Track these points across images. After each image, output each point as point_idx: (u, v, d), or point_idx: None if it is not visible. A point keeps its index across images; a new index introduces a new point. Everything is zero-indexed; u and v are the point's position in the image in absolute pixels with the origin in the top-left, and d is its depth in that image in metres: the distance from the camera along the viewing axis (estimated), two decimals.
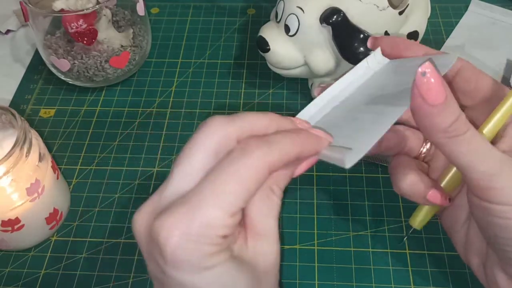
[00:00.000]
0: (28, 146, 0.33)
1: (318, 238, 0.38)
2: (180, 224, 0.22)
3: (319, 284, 0.36)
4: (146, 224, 0.24)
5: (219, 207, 0.22)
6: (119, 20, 0.49)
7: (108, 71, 0.46)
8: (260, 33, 0.42)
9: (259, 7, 0.57)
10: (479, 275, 0.30)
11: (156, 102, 0.48)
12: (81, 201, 0.41)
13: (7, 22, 0.55)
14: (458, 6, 0.55)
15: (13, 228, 0.35)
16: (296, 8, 0.39)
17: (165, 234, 0.22)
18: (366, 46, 0.38)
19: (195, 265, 0.22)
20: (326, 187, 0.41)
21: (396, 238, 0.38)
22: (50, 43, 0.46)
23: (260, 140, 0.24)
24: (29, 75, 0.51)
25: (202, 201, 0.23)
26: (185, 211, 0.23)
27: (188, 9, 0.57)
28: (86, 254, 0.38)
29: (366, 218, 0.39)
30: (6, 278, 0.37)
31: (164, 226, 0.22)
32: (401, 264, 0.36)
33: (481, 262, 0.30)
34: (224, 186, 0.23)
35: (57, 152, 0.44)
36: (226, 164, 0.23)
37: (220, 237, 0.23)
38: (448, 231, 0.32)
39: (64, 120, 0.47)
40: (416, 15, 0.42)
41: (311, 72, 0.42)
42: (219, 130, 0.24)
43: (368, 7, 0.38)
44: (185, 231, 0.22)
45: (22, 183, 0.34)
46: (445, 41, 0.52)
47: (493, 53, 0.50)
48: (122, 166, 0.43)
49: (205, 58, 0.52)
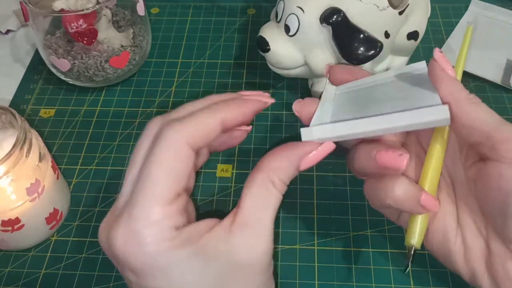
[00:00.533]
0: (28, 146, 0.33)
1: (318, 238, 0.38)
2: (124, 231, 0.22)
3: (319, 284, 0.36)
4: (104, 236, 0.24)
5: (151, 201, 0.22)
6: (119, 20, 0.49)
7: (108, 71, 0.46)
8: (260, 33, 0.42)
9: (259, 7, 0.57)
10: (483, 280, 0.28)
11: (156, 102, 0.48)
12: (81, 201, 0.41)
13: (7, 22, 0.55)
14: (458, 6, 0.55)
15: (13, 228, 0.35)
16: (296, 8, 0.39)
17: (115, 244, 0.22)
18: (366, 46, 0.38)
19: (152, 266, 0.22)
20: (326, 187, 0.41)
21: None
22: (50, 43, 0.46)
23: (175, 121, 0.24)
24: (29, 75, 0.51)
25: (134, 202, 0.23)
26: (126, 216, 0.23)
27: (188, 9, 0.57)
28: (86, 254, 0.38)
29: (366, 218, 0.39)
30: (6, 278, 0.37)
31: (112, 236, 0.23)
32: (401, 264, 0.36)
33: (486, 264, 0.28)
34: (150, 178, 0.23)
35: (57, 152, 0.44)
36: (148, 156, 0.23)
37: (169, 229, 0.22)
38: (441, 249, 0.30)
39: (64, 120, 0.47)
40: (416, 15, 0.42)
41: (311, 72, 0.42)
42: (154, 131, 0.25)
43: (368, 7, 0.38)
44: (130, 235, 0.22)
45: (22, 183, 0.33)
46: (445, 41, 0.52)
47: (493, 53, 0.50)
48: (122, 166, 0.43)
49: (205, 58, 0.52)
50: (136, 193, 0.23)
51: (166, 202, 0.23)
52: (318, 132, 0.26)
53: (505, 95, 0.47)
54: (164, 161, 0.23)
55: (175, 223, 0.23)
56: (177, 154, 0.23)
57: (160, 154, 0.23)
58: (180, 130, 0.24)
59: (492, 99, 0.46)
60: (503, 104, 0.46)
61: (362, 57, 0.39)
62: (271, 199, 0.25)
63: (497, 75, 0.48)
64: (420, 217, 0.29)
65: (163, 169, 0.23)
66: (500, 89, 0.47)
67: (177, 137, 0.23)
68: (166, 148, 0.23)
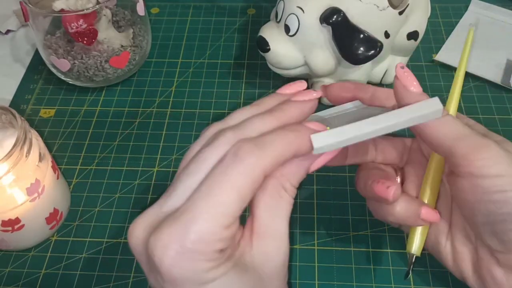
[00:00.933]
0: (28, 146, 0.33)
1: (318, 238, 0.38)
2: (173, 242, 0.22)
3: (319, 284, 0.36)
4: (143, 238, 0.23)
5: (213, 220, 0.22)
6: (119, 20, 0.49)
7: (108, 71, 0.46)
8: (260, 33, 0.42)
9: (259, 7, 0.57)
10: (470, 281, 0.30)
11: (156, 102, 0.48)
12: (81, 201, 0.41)
13: (7, 22, 0.55)
14: (458, 6, 0.55)
15: (13, 228, 0.35)
16: (296, 8, 0.39)
17: (160, 253, 0.22)
18: (366, 46, 0.38)
19: (193, 281, 0.22)
20: (326, 187, 0.41)
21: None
22: (50, 43, 0.46)
23: (253, 144, 0.23)
24: (29, 75, 0.51)
25: (195, 215, 0.22)
26: (178, 227, 0.22)
27: (188, 9, 0.57)
28: (86, 254, 0.38)
29: (366, 218, 0.39)
30: (6, 278, 0.37)
31: (158, 244, 0.22)
32: (401, 264, 0.36)
33: (474, 267, 0.29)
34: (217, 197, 0.22)
35: (57, 152, 0.44)
36: (218, 172, 0.23)
37: (217, 251, 0.22)
38: (433, 249, 0.31)
39: (64, 120, 0.47)
40: (416, 15, 0.42)
41: (311, 72, 0.42)
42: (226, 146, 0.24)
43: (368, 7, 0.38)
44: (179, 249, 0.21)
45: (22, 183, 0.33)
46: (445, 41, 0.52)
47: (493, 53, 0.50)
48: (122, 166, 0.43)
49: (205, 58, 0.52)
50: (197, 207, 0.22)
51: (227, 226, 0.22)
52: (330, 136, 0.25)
53: (505, 95, 0.47)
54: (238, 186, 0.22)
55: (224, 246, 0.23)
56: (252, 183, 0.23)
57: (234, 178, 0.22)
58: (260, 158, 0.23)
59: (492, 99, 0.46)
60: (503, 104, 0.46)
61: (362, 57, 0.39)
62: (285, 206, 0.25)
63: (497, 75, 0.48)
64: (421, 227, 0.30)
65: (236, 194, 0.22)
66: (500, 89, 0.47)
67: (256, 167, 0.23)
68: (242, 175, 0.22)
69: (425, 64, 0.50)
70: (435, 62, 0.50)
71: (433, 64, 0.50)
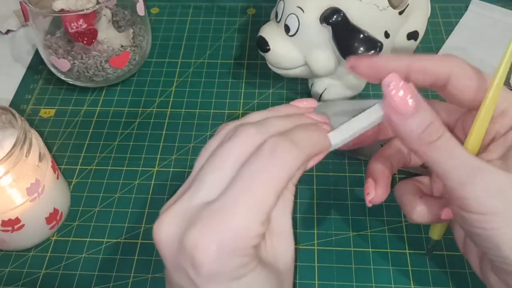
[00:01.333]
0: (28, 146, 0.33)
1: (318, 238, 0.38)
2: (214, 237, 0.22)
3: (319, 284, 0.36)
4: (173, 233, 0.23)
5: (252, 217, 0.22)
6: (119, 20, 0.49)
7: (108, 71, 0.46)
8: (260, 33, 0.42)
9: (259, 7, 0.57)
10: (476, 270, 0.30)
11: (156, 102, 0.48)
12: (81, 201, 0.41)
13: (7, 22, 0.55)
14: (458, 6, 0.55)
15: (13, 228, 0.35)
16: (296, 8, 0.39)
17: (202, 249, 0.21)
18: (366, 46, 0.38)
19: (227, 277, 0.22)
20: (326, 187, 0.41)
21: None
22: (50, 43, 0.46)
23: (289, 141, 0.23)
24: (29, 75, 0.51)
25: (235, 211, 0.22)
26: (218, 223, 0.22)
27: (188, 9, 0.57)
28: (86, 254, 0.38)
29: (366, 218, 0.39)
30: (6, 278, 0.37)
31: (199, 240, 0.22)
32: (401, 264, 0.36)
33: (478, 258, 0.30)
34: (257, 193, 0.22)
35: (57, 152, 0.44)
36: (257, 169, 0.23)
37: (252, 248, 0.22)
38: (451, 225, 0.32)
39: (64, 120, 0.47)
40: (416, 15, 0.42)
41: (311, 72, 0.42)
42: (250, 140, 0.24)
43: (368, 7, 0.38)
44: (220, 245, 0.21)
45: (22, 183, 0.33)
46: (445, 41, 0.52)
47: (493, 53, 0.49)
48: (122, 166, 0.43)
49: (205, 58, 0.52)
50: (239, 202, 0.22)
51: (263, 222, 0.22)
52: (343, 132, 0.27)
53: None
54: (277, 182, 0.22)
55: (259, 241, 0.23)
56: (289, 180, 0.23)
57: (275, 174, 0.22)
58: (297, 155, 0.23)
59: None
60: None
61: None
62: (287, 204, 0.25)
63: None
64: None
65: (274, 191, 0.22)
66: None
67: (294, 164, 0.23)
68: (283, 171, 0.23)
69: None
70: None
71: None
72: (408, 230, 0.38)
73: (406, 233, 0.38)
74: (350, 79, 0.43)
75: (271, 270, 0.24)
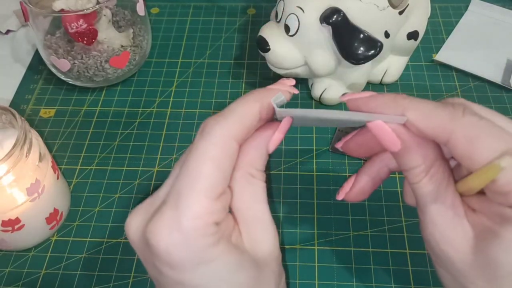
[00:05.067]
0: (28, 146, 0.33)
1: (318, 238, 0.38)
2: (167, 224, 0.22)
3: (319, 284, 0.36)
4: (138, 228, 0.24)
5: (198, 194, 0.22)
6: (119, 20, 0.49)
7: (108, 71, 0.46)
8: (260, 33, 0.42)
9: (259, 7, 0.57)
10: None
11: (156, 102, 0.48)
12: (81, 201, 0.41)
13: (7, 22, 0.55)
14: (458, 6, 0.55)
15: (13, 228, 0.35)
16: (296, 8, 0.39)
17: (156, 237, 0.22)
18: (366, 46, 0.38)
19: (193, 262, 0.22)
20: (326, 187, 0.41)
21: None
22: (50, 43, 0.46)
23: (216, 116, 0.24)
24: (29, 75, 0.51)
25: (181, 193, 0.22)
26: (170, 209, 0.22)
27: (188, 9, 0.57)
28: (86, 254, 0.38)
29: (366, 218, 0.39)
30: (6, 278, 0.37)
31: (153, 229, 0.22)
32: (401, 264, 0.36)
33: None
34: (195, 171, 0.23)
35: (57, 152, 0.44)
36: (193, 150, 0.23)
37: (212, 224, 0.22)
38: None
39: (64, 120, 0.47)
40: (416, 15, 0.42)
41: (311, 72, 0.42)
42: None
43: (368, 7, 0.38)
44: (174, 228, 0.22)
45: (22, 183, 0.34)
46: (445, 41, 0.52)
47: (493, 53, 0.50)
48: (122, 166, 0.43)
49: (205, 58, 0.52)
50: (181, 185, 0.23)
51: (213, 198, 0.23)
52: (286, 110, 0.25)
53: (505, 95, 0.47)
54: (213, 156, 0.23)
55: (218, 219, 0.23)
56: (227, 151, 0.23)
57: (207, 149, 0.23)
58: (224, 125, 0.23)
59: (492, 99, 0.46)
60: (503, 104, 0.46)
61: (362, 57, 0.39)
62: (258, 191, 0.25)
63: (497, 75, 0.48)
64: None
65: (213, 165, 0.23)
66: (500, 89, 0.47)
67: (223, 135, 0.23)
68: (213, 144, 0.23)
69: (425, 64, 0.50)
70: (435, 62, 0.50)
71: (433, 64, 0.50)
72: (408, 230, 0.38)
73: (406, 233, 0.38)
74: (350, 79, 0.43)
75: (246, 258, 0.24)
